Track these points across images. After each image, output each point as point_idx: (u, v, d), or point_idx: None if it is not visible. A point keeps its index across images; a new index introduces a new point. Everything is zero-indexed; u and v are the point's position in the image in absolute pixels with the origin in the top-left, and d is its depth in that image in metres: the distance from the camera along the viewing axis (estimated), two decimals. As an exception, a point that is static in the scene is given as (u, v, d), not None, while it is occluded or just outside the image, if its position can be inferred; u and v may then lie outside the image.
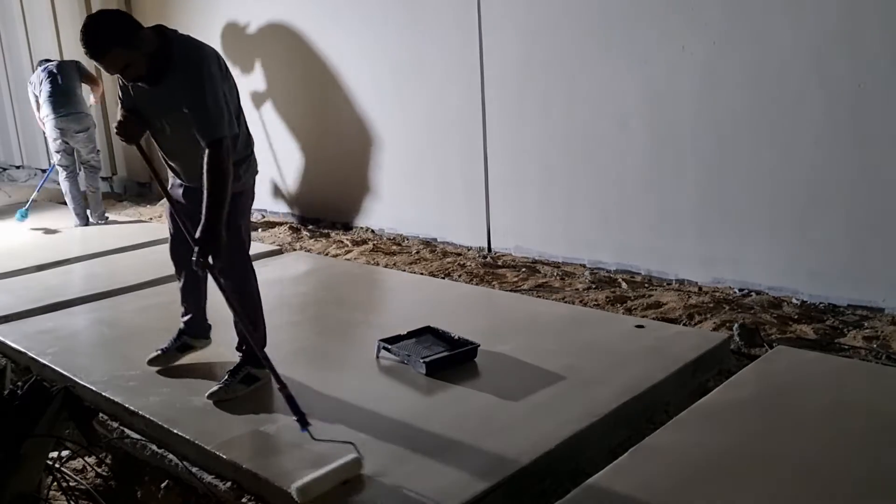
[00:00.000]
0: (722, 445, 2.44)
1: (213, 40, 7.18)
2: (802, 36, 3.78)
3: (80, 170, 6.87)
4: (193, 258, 2.73)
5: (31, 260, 5.44)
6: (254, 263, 3.34)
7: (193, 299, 3.35)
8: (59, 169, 6.75)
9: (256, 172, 3.17)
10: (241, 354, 3.13)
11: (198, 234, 2.74)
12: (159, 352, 3.32)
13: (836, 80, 3.70)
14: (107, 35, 2.67)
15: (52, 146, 6.75)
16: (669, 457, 2.39)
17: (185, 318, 3.38)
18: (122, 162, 8.91)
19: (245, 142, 3.06)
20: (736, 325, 3.55)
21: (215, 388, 3.02)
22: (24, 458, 1.45)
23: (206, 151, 2.74)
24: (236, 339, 3.16)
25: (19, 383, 1.56)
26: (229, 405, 2.94)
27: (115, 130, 3.00)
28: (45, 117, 6.67)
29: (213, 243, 2.73)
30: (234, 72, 6.78)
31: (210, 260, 2.75)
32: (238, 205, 2.99)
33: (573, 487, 2.29)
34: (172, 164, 3.10)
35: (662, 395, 2.91)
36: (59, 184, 6.89)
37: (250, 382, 3.05)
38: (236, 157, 2.93)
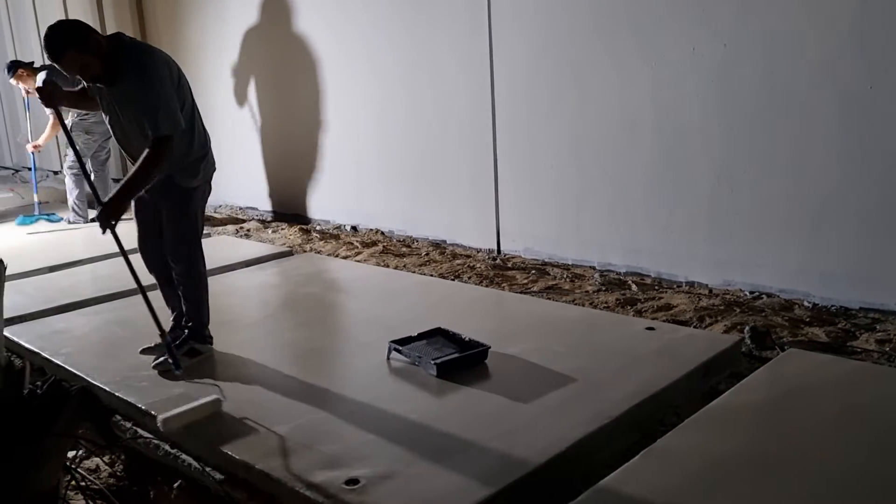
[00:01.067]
0: (733, 448, 2.43)
1: (220, 42, 7.22)
2: (814, 37, 3.77)
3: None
4: (95, 215, 3.13)
5: (42, 261, 5.47)
6: (264, 265, 3.50)
7: (175, 300, 3.58)
8: (72, 170, 6.79)
9: (214, 169, 3.51)
10: (187, 331, 3.45)
11: (106, 199, 3.14)
12: (178, 369, 3.24)
13: (849, 82, 3.69)
14: (63, 40, 3.01)
15: (81, 148, 6.74)
16: (680, 460, 2.39)
17: (174, 315, 3.60)
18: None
19: (202, 141, 3.41)
20: (747, 328, 3.55)
21: (161, 359, 3.31)
22: (44, 456, 1.47)
23: (150, 143, 3.09)
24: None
25: (38, 382, 1.58)
26: (241, 406, 2.95)
27: (37, 90, 3.36)
28: (76, 119, 6.68)
29: (116, 210, 3.09)
30: (246, 76, 6.81)
31: (112, 223, 3.10)
32: (195, 196, 3.38)
33: (584, 490, 2.28)
34: (130, 156, 3.34)
35: (673, 397, 2.91)
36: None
37: (193, 355, 3.39)
38: (194, 155, 3.33)
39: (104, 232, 3.12)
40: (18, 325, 4.06)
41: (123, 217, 3.13)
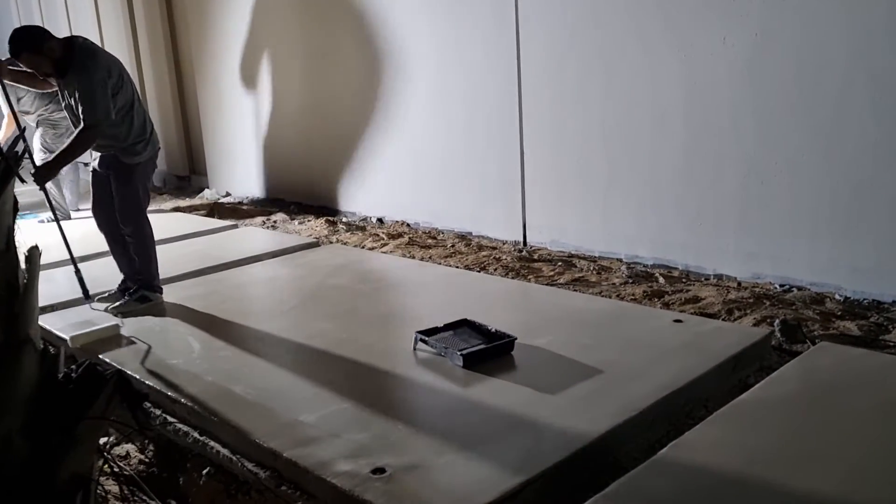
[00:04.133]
0: (763, 443, 2.41)
1: (245, 37, 7.26)
2: (848, 27, 3.70)
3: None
4: (32, 174, 3.93)
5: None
6: (291, 256, 4.53)
7: (124, 252, 4.26)
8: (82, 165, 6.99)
9: (158, 148, 4.26)
10: (137, 282, 4.20)
11: (39, 164, 4.07)
12: (115, 303, 4.16)
13: (883, 73, 3.62)
14: (20, 43, 3.81)
15: (48, 143, 6.77)
16: (709, 453, 2.36)
17: (126, 273, 4.30)
18: (163, 156, 9.02)
19: (142, 127, 4.12)
20: (777, 321, 3.50)
21: (117, 303, 4.14)
22: (79, 440, 1.50)
23: (80, 128, 3.87)
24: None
25: (73, 367, 1.61)
26: (270, 395, 2.97)
27: None
28: (44, 114, 6.76)
29: (47, 174, 4.01)
30: (272, 69, 6.80)
31: (45, 185, 4.03)
32: (136, 171, 4.12)
33: (611, 482, 2.28)
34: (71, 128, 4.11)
35: (702, 390, 2.88)
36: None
37: (143, 301, 4.16)
38: (133, 139, 4.07)
39: (41, 189, 4.04)
40: (50, 314, 4.13)
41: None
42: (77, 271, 4.23)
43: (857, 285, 3.88)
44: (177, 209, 7.54)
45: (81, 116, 3.88)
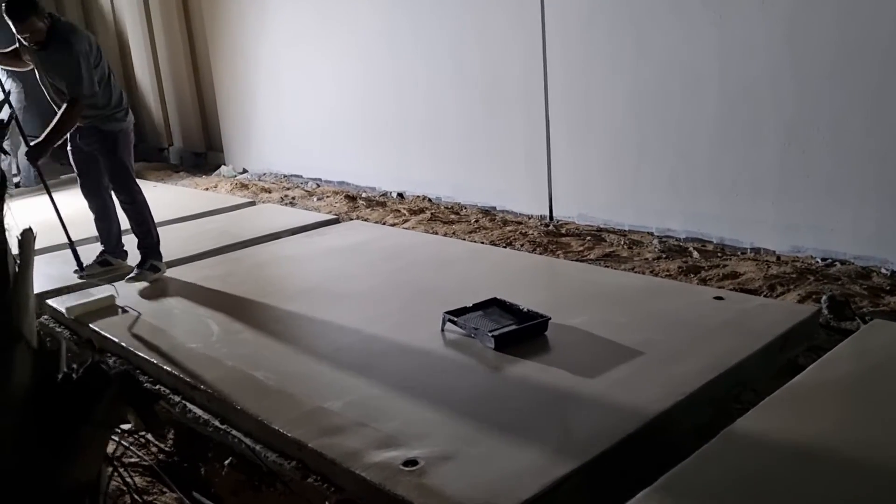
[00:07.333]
0: (820, 430, 2.24)
1: (264, 14, 7.07)
2: (900, -18, 3.47)
3: None
4: (25, 153, 4.06)
5: (84, 231, 5.39)
6: (310, 233, 4.58)
7: (105, 225, 4.42)
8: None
9: (133, 121, 4.34)
10: (143, 251, 4.22)
11: (33, 143, 3.99)
12: (82, 270, 4.32)
13: (938, 30, 3.40)
14: (29, 7, 3.76)
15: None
16: (763, 442, 2.20)
17: (102, 239, 4.45)
18: (179, 133, 8.92)
19: (119, 97, 4.20)
20: (824, 297, 3.32)
21: (132, 274, 4.14)
22: (81, 446, 1.36)
23: (67, 101, 3.94)
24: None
25: (74, 366, 1.46)
26: (292, 381, 2.84)
27: None
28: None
29: (41, 151, 3.98)
30: (291, 44, 6.59)
31: (38, 162, 4.07)
32: (119, 138, 4.17)
33: (657, 473, 2.12)
34: (53, 105, 4.13)
35: (748, 372, 2.71)
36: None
37: (155, 271, 4.20)
38: (112, 108, 4.14)
39: (34, 167, 4.16)
40: (67, 295, 4.03)
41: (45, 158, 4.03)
42: (70, 243, 4.33)
43: (907, 258, 3.68)
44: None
45: (67, 90, 3.94)
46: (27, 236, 1.39)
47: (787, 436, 2.23)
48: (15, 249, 1.41)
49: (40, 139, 3.98)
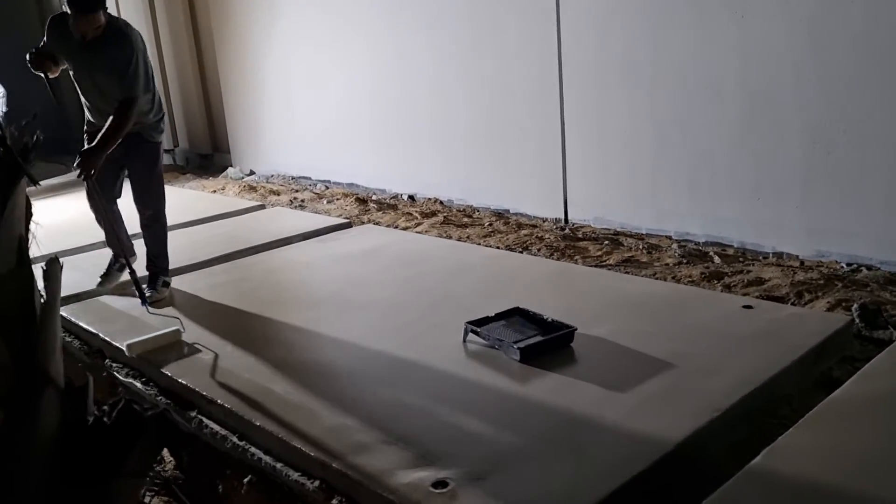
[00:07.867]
0: (865, 447, 2.16)
1: (273, 10, 6.99)
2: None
3: None
4: (75, 165, 3.59)
5: (92, 236, 5.32)
6: (323, 238, 4.51)
7: (115, 245, 4.07)
8: None
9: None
10: (152, 269, 4.03)
11: (86, 148, 3.63)
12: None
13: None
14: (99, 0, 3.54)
15: None
16: (807, 460, 2.12)
17: (115, 255, 4.14)
18: (185, 134, 8.83)
19: (160, 103, 3.98)
20: (855, 306, 3.23)
21: (147, 294, 3.82)
22: (113, 497, 1.26)
23: (120, 102, 3.61)
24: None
25: (105, 408, 1.36)
26: (312, 394, 2.76)
27: (29, 58, 3.71)
28: None
29: (93, 160, 3.58)
30: (299, 44, 6.54)
31: (91, 173, 3.60)
32: (160, 151, 4.02)
33: (696, 494, 2.04)
34: (91, 111, 3.89)
35: (784, 385, 2.63)
36: None
37: (167, 285, 4.04)
38: (155, 113, 3.91)
39: (85, 179, 3.65)
40: (76, 304, 3.94)
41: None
42: (134, 279, 3.84)
43: (937, 263, 3.60)
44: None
45: (121, 89, 3.61)
46: (53, 267, 1.28)
47: (831, 454, 2.15)
48: (40, 282, 1.31)
49: (93, 144, 3.61)
